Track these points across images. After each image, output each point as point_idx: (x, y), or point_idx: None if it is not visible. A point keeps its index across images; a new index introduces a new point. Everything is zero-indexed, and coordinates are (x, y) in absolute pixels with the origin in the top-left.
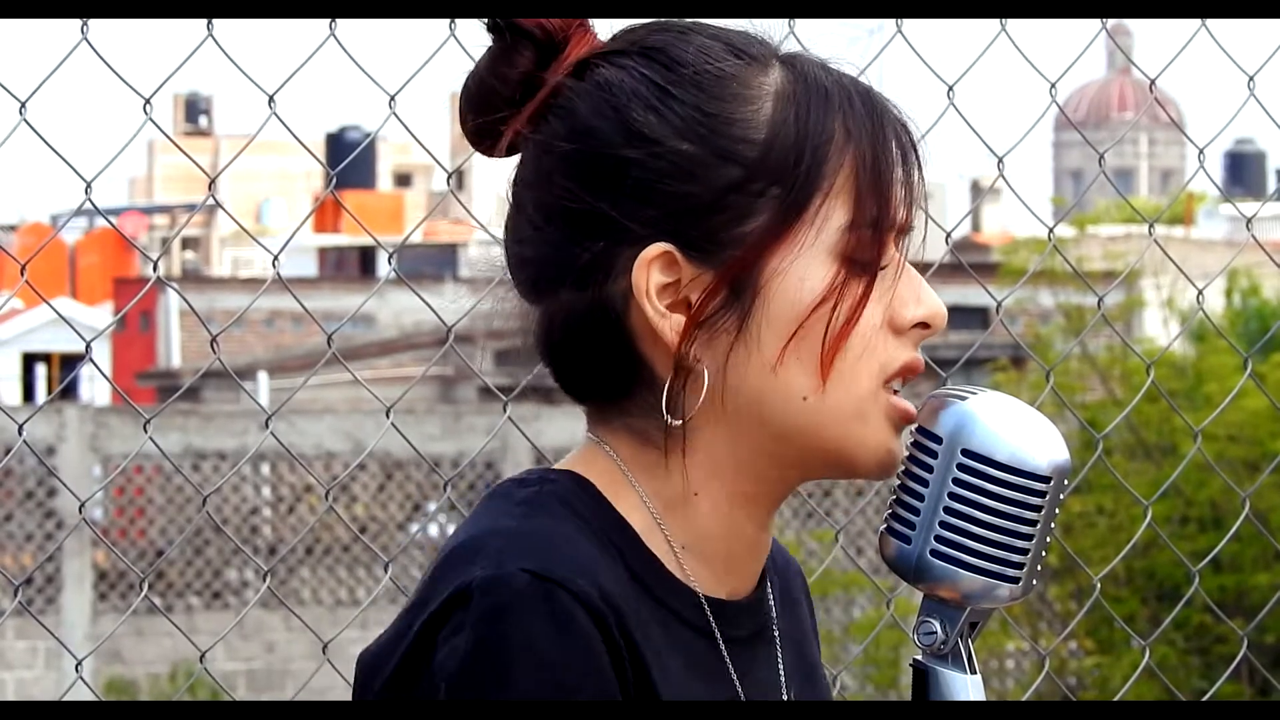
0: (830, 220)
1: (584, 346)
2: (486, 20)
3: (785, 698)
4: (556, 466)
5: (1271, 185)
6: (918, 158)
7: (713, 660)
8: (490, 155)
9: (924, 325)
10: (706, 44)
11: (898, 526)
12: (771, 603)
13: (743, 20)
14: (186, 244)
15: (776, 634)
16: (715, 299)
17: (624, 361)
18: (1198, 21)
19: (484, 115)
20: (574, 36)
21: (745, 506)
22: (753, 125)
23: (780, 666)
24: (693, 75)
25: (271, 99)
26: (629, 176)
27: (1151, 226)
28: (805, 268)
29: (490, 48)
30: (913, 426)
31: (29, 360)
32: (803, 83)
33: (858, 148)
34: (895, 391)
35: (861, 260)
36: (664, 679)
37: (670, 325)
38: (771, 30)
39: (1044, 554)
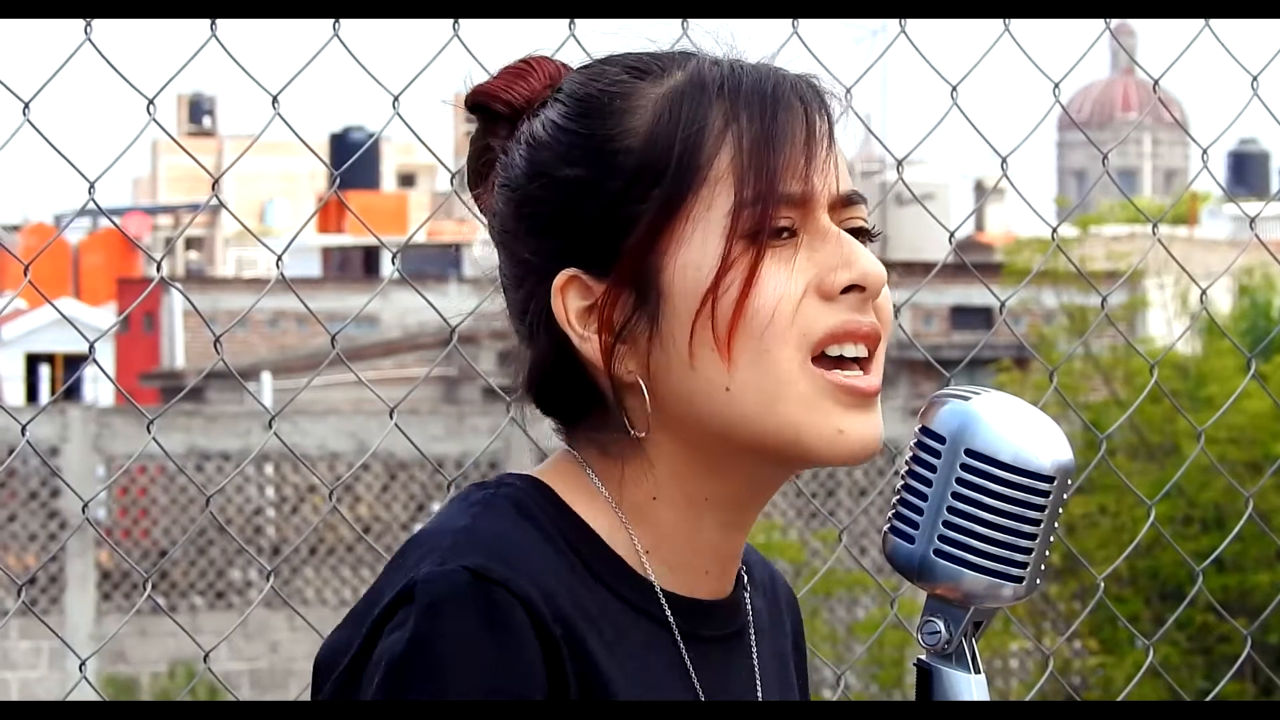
0: (714, 207)
1: (548, 382)
2: (465, 101)
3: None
4: (523, 473)
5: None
6: (829, 126)
7: (673, 653)
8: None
9: (859, 289)
10: (605, 71)
11: (901, 526)
12: (750, 609)
13: (735, 21)
14: (190, 244)
15: (754, 640)
16: (623, 308)
17: (580, 388)
18: (1201, 22)
19: (475, 190)
20: (539, 101)
21: (713, 509)
22: (631, 135)
23: (757, 673)
24: (579, 105)
25: (275, 99)
26: (535, 214)
27: (1155, 226)
28: (698, 256)
29: (473, 135)
30: (916, 426)
31: (32, 361)
32: (685, 82)
33: (738, 130)
34: (850, 364)
35: (749, 235)
36: (621, 672)
37: (592, 347)
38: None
39: (1047, 554)
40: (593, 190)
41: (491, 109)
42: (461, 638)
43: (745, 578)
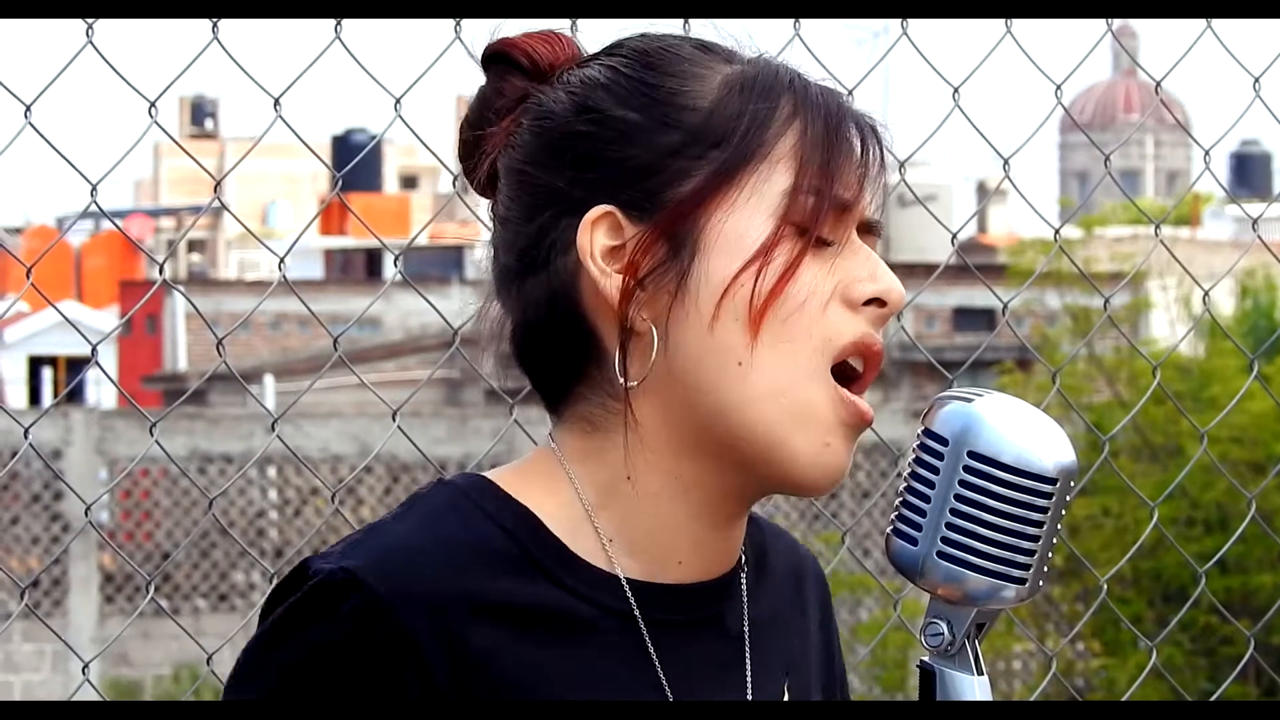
0: (771, 183)
1: (541, 330)
2: (482, 54)
3: (749, 694)
4: (474, 472)
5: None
6: (881, 155)
7: (630, 641)
8: (478, 175)
9: (880, 303)
10: (673, 40)
11: (904, 528)
12: (744, 595)
13: (746, 21)
14: (192, 246)
15: (747, 624)
16: (654, 255)
17: (576, 337)
18: (1203, 23)
19: (479, 129)
20: (563, 67)
21: (685, 494)
22: (698, 97)
23: (747, 660)
24: (646, 58)
25: (277, 102)
26: (576, 148)
27: (1157, 228)
28: (744, 225)
29: (483, 84)
30: (919, 429)
31: (35, 363)
32: (757, 69)
33: (805, 119)
34: (853, 379)
35: (799, 224)
36: (545, 666)
37: (613, 284)
38: (769, 44)
39: (1050, 555)
40: (648, 137)
41: (513, 59)
42: (315, 634)
43: (745, 565)
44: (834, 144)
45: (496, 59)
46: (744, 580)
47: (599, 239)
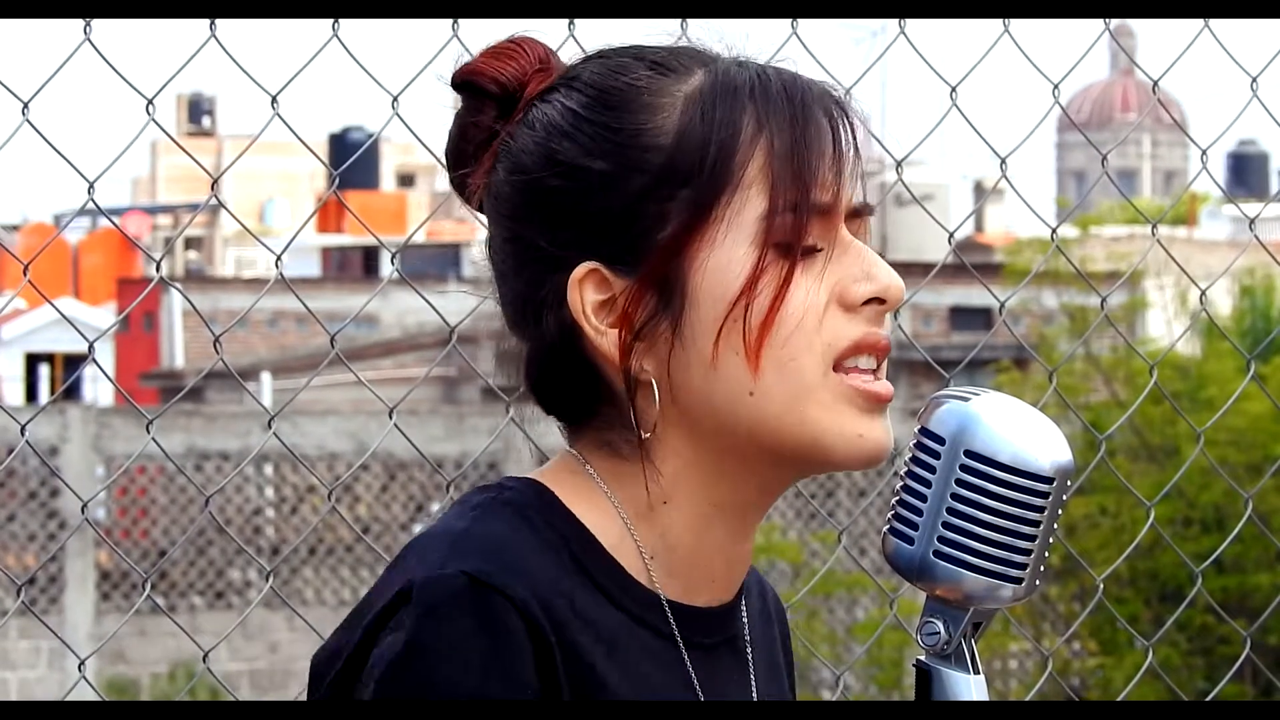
0: (746, 211)
1: (551, 376)
2: (450, 79)
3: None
4: (525, 476)
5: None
6: (853, 138)
7: (674, 663)
8: (471, 207)
9: (879, 301)
10: (625, 64)
11: (900, 527)
12: (745, 615)
13: (737, 21)
14: (190, 244)
15: (749, 646)
16: (644, 307)
17: (586, 383)
18: (1200, 22)
19: (459, 169)
20: (532, 82)
21: (721, 515)
22: (660, 132)
23: (752, 677)
24: (602, 95)
25: (274, 99)
26: (550, 204)
27: (1154, 227)
28: (726, 260)
29: (458, 113)
30: (916, 426)
31: (32, 360)
32: (714, 83)
33: (770, 136)
34: (864, 371)
35: (781, 244)
36: (617, 681)
37: (609, 341)
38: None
39: (1047, 555)
40: (617, 185)
41: (480, 87)
42: (457, 642)
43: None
44: (804, 150)
45: (464, 88)
46: (742, 600)
47: (589, 296)
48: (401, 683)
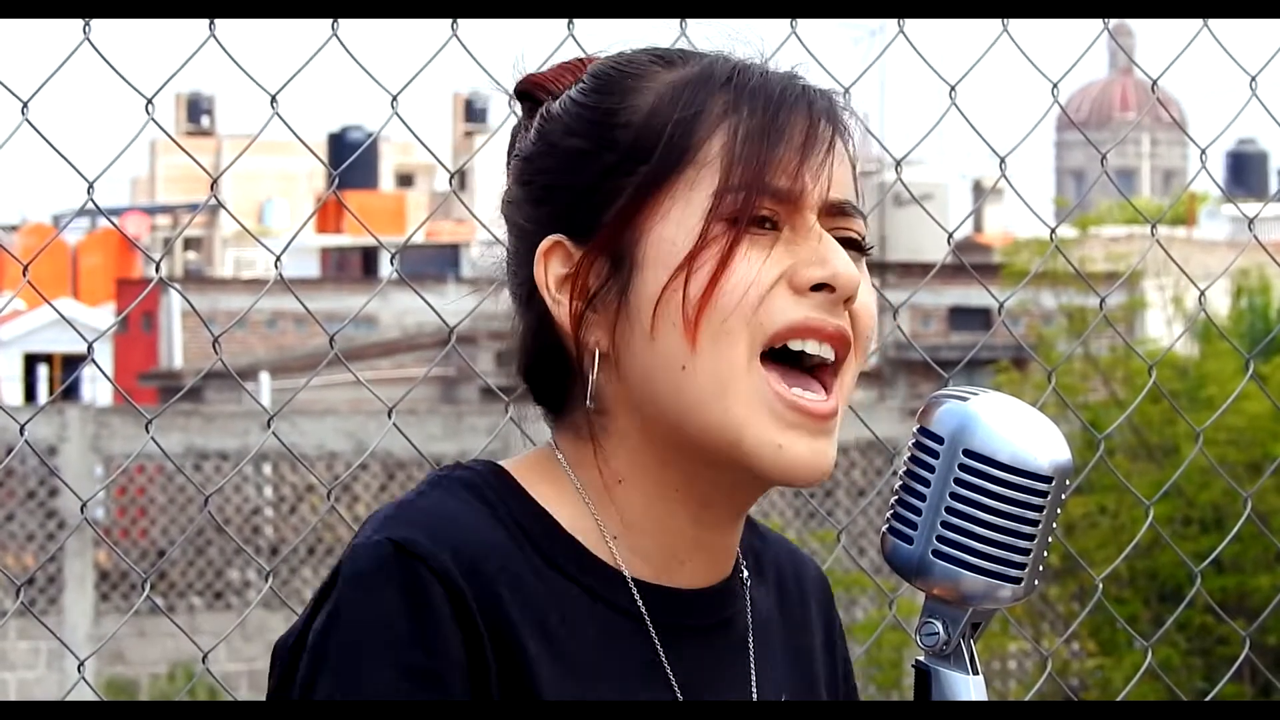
0: (698, 187)
1: (533, 359)
2: (514, 89)
3: (754, 696)
4: (488, 460)
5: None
6: (832, 135)
7: (637, 641)
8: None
9: (828, 289)
10: (632, 57)
11: (899, 527)
12: (750, 599)
13: (742, 21)
14: (189, 244)
15: (751, 632)
16: (597, 276)
17: (556, 361)
18: (1200, 22)
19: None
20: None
21: (681, 500)
22: (633, 112)
23: (751, 662)
24: (595, 82)
25: (274, 99)
26: (535, 183)
27: (1154, 227)
28: (672, 232)
29: (519, 119)
30: (914, 427)
31: (31, 361)
32: (699, 72)
33: (736, 120)
34: (802, 378)
35: (729, 218)
36: (555, 656)
37: (563, 311)
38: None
39: (1046, 554)
40: (590, 161)
41: (536, 98)
42: (378, 608)
43: (745, 569)
44: (766, 136)
45: (523, 98)
46: (746, 584)
47: (553, 268)
48: (324, 651)
